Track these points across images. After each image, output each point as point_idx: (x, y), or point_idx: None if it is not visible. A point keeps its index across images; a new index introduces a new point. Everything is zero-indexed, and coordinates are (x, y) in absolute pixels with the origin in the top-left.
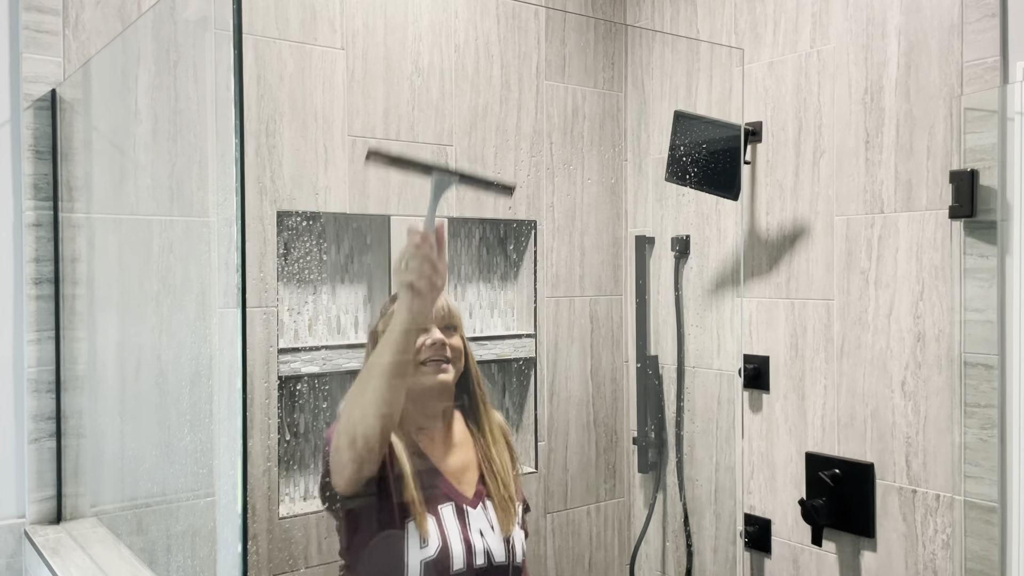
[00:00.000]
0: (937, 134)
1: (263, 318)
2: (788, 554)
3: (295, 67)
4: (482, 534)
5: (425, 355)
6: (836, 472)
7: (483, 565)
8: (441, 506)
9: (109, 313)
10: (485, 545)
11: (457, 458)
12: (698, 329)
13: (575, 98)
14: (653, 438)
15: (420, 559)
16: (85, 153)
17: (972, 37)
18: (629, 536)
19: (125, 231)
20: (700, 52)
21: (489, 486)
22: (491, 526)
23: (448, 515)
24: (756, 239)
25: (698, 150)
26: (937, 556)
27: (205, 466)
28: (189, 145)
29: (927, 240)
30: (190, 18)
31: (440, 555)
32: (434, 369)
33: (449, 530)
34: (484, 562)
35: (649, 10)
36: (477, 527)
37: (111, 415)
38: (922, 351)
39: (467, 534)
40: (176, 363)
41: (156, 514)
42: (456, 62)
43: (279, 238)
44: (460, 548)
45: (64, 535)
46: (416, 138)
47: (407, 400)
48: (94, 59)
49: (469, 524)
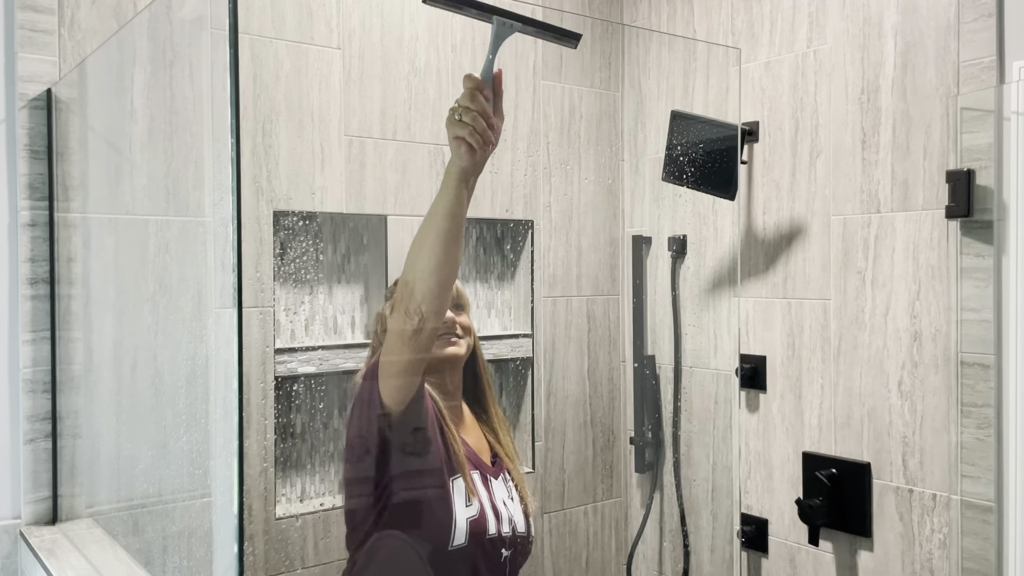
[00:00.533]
0: (934, 134)
1: (259, 318)
2: (785, 554)
3: (291, 66)
4: (505, 504)
5: (440, 329)
6: (833, 472)
7: (508, 533)
8: (472, 471)
9: (105, 313)
10: (509, 513)
11: (472, 435)
12: (695, 329)
13: (572, 98)
14: (650, 438)
15: (466, 516)
16: (81, 153)
17: (969, 37)
18: (626, 536)
19: (121, 231)
20: (697, 52)
21: (503, 461)
22: (511, 497)
23: (478, 481)
24: (753, 239)
25: (695, 150)
26: (934, 556)
27: (201, 467)
28: (185, 145)
29: (923, 240)
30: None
31: (480, 516)
32: (446, 342)
33: (483, 494)
34: (509, 530)
35: (646, 10)
36: (500, 496)
37: (107, 416)
38: (919, 351)
39: (494, 501)
40: (172, 363)
41: (152, 515)
42: (453, 62)
43: (275, 238)
44: (490, 513)
45: (60, 536)
46: (413, 138)
47: (427, 376)
48: (90, 58)
49: (493, 492)
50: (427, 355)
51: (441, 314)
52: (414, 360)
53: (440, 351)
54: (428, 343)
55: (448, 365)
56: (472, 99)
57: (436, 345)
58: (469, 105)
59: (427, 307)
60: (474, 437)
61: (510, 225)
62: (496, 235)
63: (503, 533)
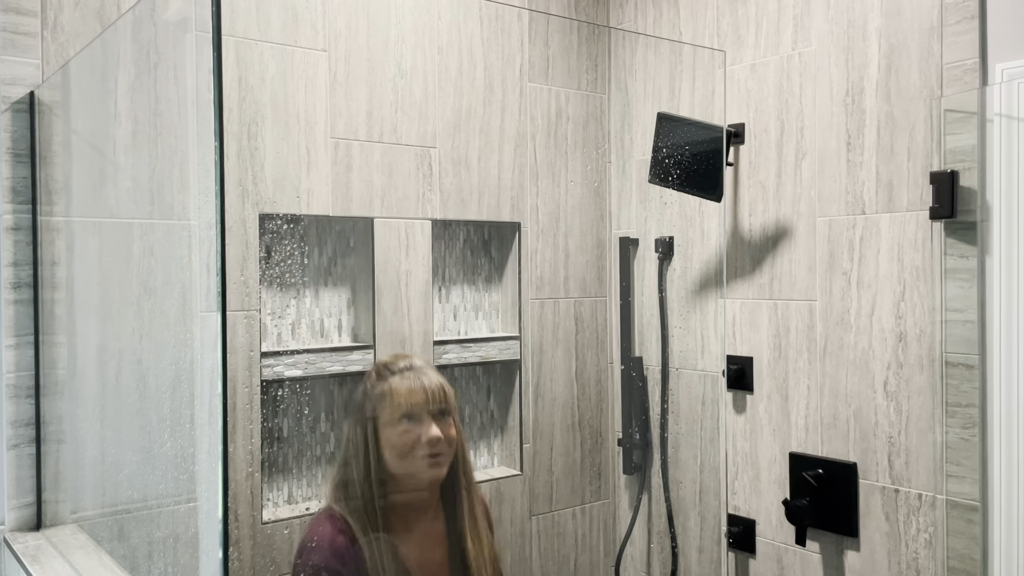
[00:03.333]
0: (917, 136)
1: (245, 322)
2: (772, 554)
3: (277, 69)
4: None
5: (421, 452)
6: (819, 472)
7: None
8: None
9: (89, 317)
10: None
11: (429, 555)
12: (682, 331)
13: (559, 100)
14: (638, 439)
15: None
16: (64, 156)
17: (952, 39)
18: (614, 538)
19: (105, 234)
20: (683, 54)
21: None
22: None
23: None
24: (739, 240)
25: (681, 152)
26: (920, 555)
27: (186, 471)
28: (170, 148)
29: (908, 241)
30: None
31: None
32: (431, 464)
33: None
34: None
35: (632, 12)
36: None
37: (91, 420)
38: (904, 351)
39: None
40: (157, 367)
41: (137, 520)
42: (439, 64)
43: (261, 241)
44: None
45: (44, 542)
46: (400, 140)
47: (398, 495)
48: (73, 61)
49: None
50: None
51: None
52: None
53: (422, 474)
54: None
55: (424, 486)
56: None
57: (417, 468)
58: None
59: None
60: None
61: (497, 227)
62: (483, 237)
63: None
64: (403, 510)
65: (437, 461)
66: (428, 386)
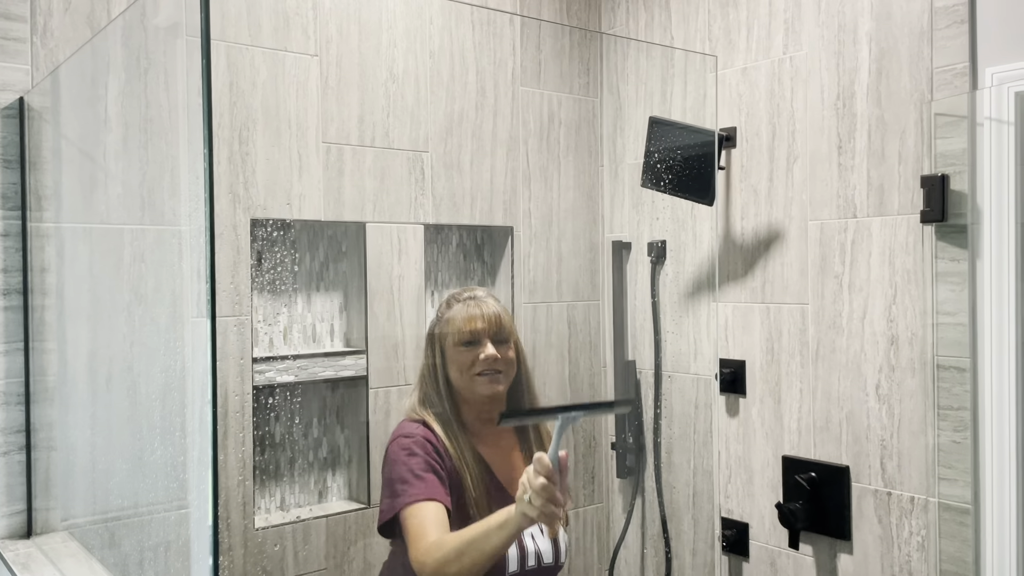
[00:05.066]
0: (908, 139)
1: (236, 328)
2: (766, 557)
3: (268, 74)
4: (533, 537)
5: (479, 368)
6: (812, 475)
7: (533, 567)
8: (495, 508)
9: (79, 324)
10: (536, 547)
11: (507, 462)
12: (675, 335)
13: (551, 104)
14: (631, 443)
15: None
16: (54, 162)
17: (942, 43)
18: (608, 541)
19: (95, 240)
20: (674, 58)
21: None
22: (540, 528)
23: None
24: (731, 244)
25: (673, 156)
26: (912, 558)
27: (177, 479)
28: (160, 153)
29: (899, 244)
30: (160, 25)
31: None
32: (488, 380)
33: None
34: (535, 563)
35: (624, 17)
36: (528, 530)
37: (82, 427)
38: (895, 354)
39: (520, 537)
40: (148, 374)
41: (128, 527)
42: (431, 68)
43: (253, 246)
44: (514, 551)
45: (35, 550)
46: (391, 144)
47: (466, 407)
48: (63, 66)
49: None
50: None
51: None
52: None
53: (482, 390)
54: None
55: (487, 402)
56: (543, 489)
57: (477, 383)
58: (540, 491)
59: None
60: (509, 464)
61: (490, 231)
62: (476, 241)
63: (527, 567)
64: (475, 422)
65: (495, 378)
66: (486, 313)
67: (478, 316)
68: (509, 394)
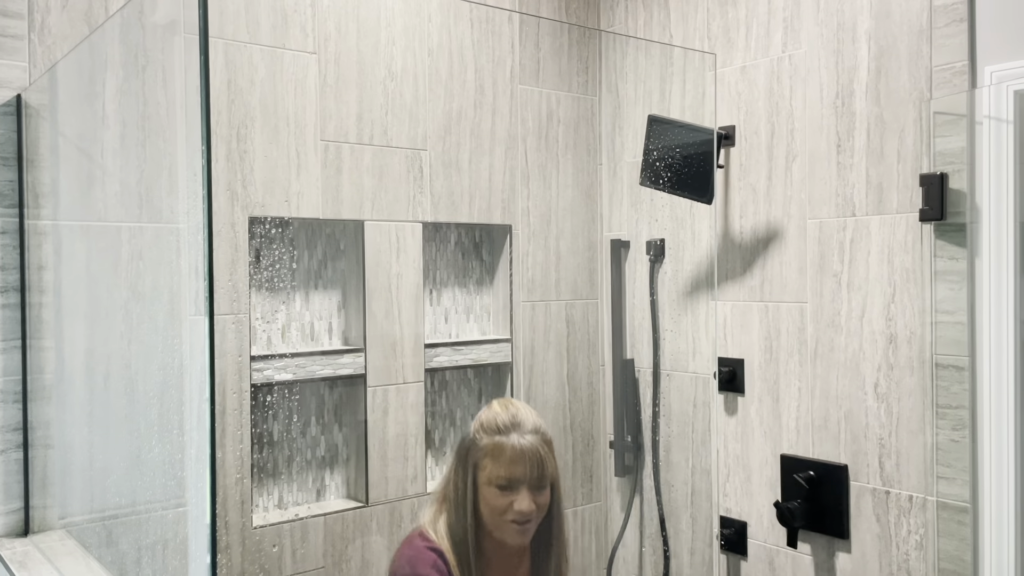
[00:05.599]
0: (907, 138)
1: (234, 326)
2: (764, 556)
3: (266, 71)
4: None
5: (511, 516)
6: (811, 474)
7: None
8: None
9: (77, 322)
10: None
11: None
12: (673, 333)
13: (549, 102)
14: (630, 442)
15: None
16: (51, 159)
17: (941, 42)
18: (606, 540)
19: (93, 238)
20: (673, 57)
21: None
22: None
23: None
24: (730, 243)
25: (672, 154)
26: (910, 557)
27: (175, 476)
28: (158, 151)
29: (898, 243)
30: (158, 22)
31: None
32: (518, 530)
33: None
34: None
35: (623, 15)
36: None
37: (79, 425)
38: (894, 353)
39: None
40: (145, 372)
41: (126, 526)
42: (430, 66)
43: (251, 244)
44: None
45: (32, 548)
46: (390, 142)
47: (489, 539)
48: (60, 64)
49: None
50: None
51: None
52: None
53: (509, 539)
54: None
55: (511, 550)
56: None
57: (505, 531)
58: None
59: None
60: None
61: (488, 230)
62: (475, 240)
63: None
64: (492, 554)
65: (524, 529)
66: (528, 454)
67: (519, 458)
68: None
